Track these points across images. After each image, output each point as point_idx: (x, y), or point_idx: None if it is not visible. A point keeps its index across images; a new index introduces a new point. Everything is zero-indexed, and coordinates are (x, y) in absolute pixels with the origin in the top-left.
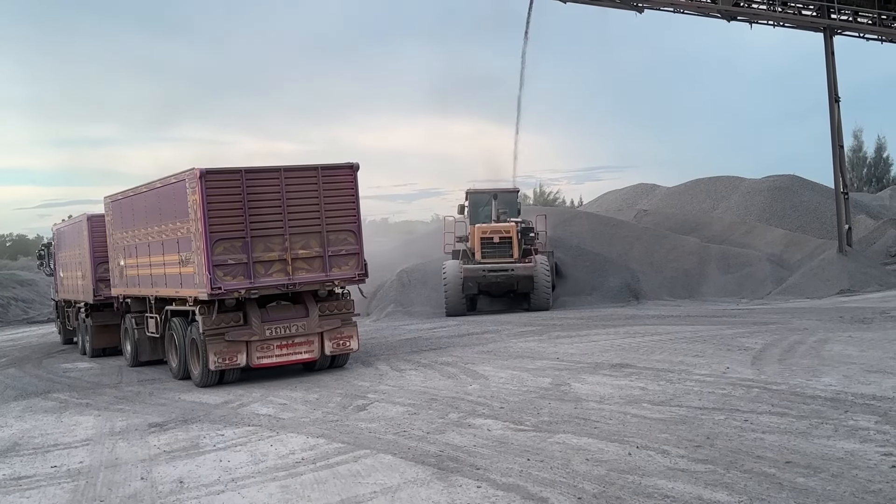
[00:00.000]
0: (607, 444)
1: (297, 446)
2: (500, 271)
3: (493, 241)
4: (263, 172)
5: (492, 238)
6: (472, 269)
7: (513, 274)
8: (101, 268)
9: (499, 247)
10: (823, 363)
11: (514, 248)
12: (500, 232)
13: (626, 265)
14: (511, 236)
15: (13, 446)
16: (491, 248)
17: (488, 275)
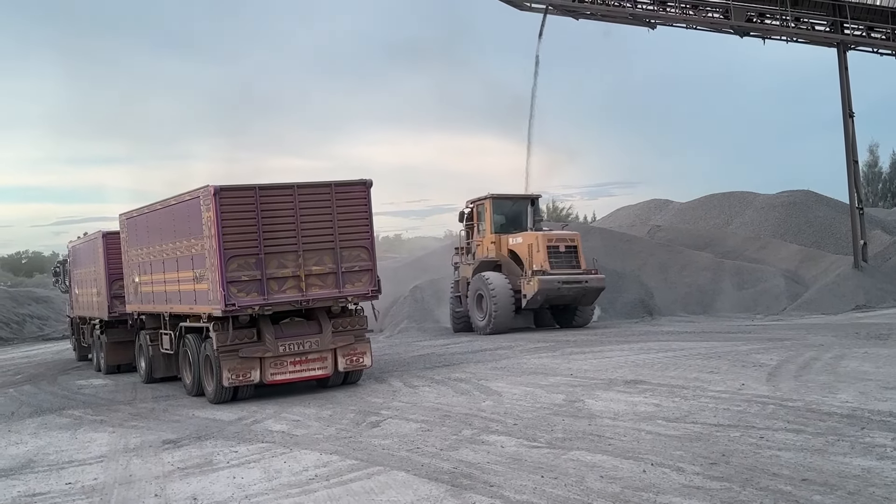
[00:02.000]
0: (622, 461)
1: (311, 463)
2: (574, 283)
3: (559, 249)
4: (277, 189)
5: (557, 247)
6: (548, 281)
7: (585, 286)
8: (116, 284)
9: (564, 256)
10: (839, 379)
11: (580, 258)
12: (565, 240)
13: (639, 281)
14: (576, 245)
15: (28, 463)
16: (557, 258)
17: (563, 287)
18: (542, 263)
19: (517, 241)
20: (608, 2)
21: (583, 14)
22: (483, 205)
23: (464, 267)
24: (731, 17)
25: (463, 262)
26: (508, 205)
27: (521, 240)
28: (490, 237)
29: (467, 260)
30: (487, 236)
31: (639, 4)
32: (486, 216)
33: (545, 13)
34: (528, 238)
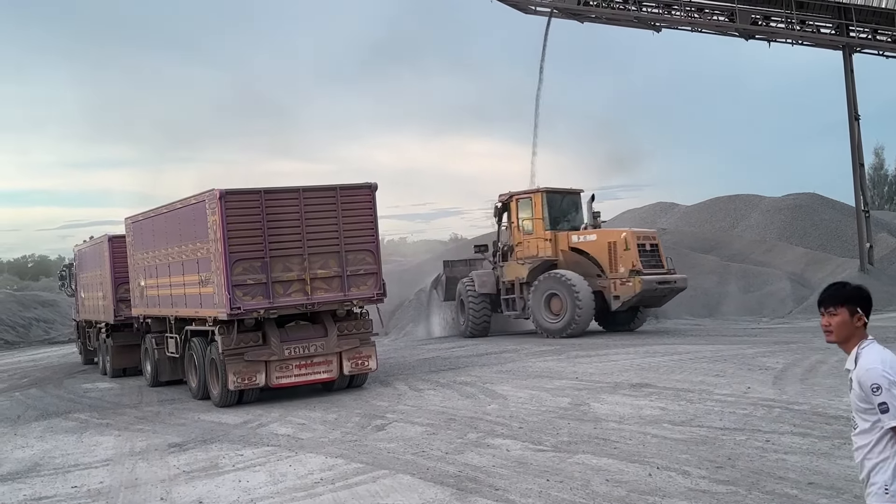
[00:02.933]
0: (627, 465)
1: (316, 466)
2: (666, 283)
3: (645, 248)
4: (282, 193)
5: (644, 245)
6: (648, 282)
7: (674, 286)
8: (122, 288)
9: (650, 255)
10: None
11: (662, 257)
12: (649, 238)
13: None
14: (657, 243)
15: (34, 466)
16: (644, 257)
17: (658, 288)
18: (634, 262)
19: (588, 239)
20: (613, 5)
21: (587, 17)
22: (530, 199)
23: (512, 266)
24: (737, 20)
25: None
26: (557, 199)
27: (596, 237)
28: (543, 234)
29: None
30: (539, 233)
31: (644, 7)
32: (535, 211)
33: (550, 16)
34: (608, 235)
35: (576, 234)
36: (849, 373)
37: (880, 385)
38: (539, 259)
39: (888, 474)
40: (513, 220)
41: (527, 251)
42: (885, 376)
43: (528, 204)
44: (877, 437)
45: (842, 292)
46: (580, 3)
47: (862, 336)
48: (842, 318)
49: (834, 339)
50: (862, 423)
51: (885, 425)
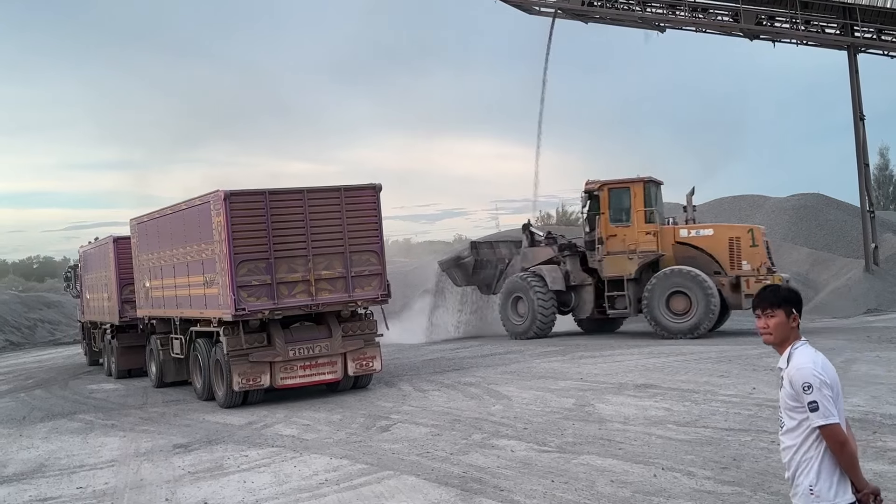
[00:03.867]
0: (632, 466)
1: (321, 467)
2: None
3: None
4: (287, 194)
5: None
6: (784, 280)
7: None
8: (127, 289)
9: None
10: (851, 383)
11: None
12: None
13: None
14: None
15: (39, 467)
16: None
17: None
18: (763, 260)
19: (704, 234)
20: (617, 6)
21: (592, 18)
22: (628, 189)
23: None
24: (741, 20)
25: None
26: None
27: (713, 231)
28: (644, 227)
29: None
30: (640, 226)
31: (648, 8)
32: (635, 202)
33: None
34: (729, 230)
35: (685, 228)
36: (780, 371)
37: (811, 384)
38: (652, 254)
39: (812, 475)
40: (603, 211)
41: (622, 245)
42: (817, 376)
43: (624, 194)
44: (803, 437)
45: (778, 294)
46: (584, 4)
47: (796, 337)
48: (779, 320)
49: (772, 340)
50: (789, 422)
51: (812, 424)
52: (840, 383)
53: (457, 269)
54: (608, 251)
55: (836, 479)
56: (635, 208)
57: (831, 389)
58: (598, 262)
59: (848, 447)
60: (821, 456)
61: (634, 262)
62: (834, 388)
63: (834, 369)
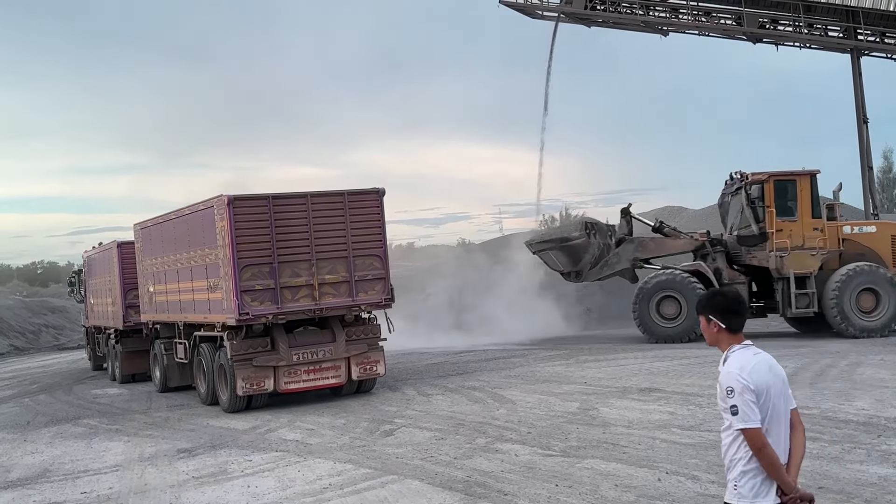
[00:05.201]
0: (636, 470)
1: (325, 472)
2: None
3: None
4: (290, 198)
5: None
6: None
7: None
8: (131, 294)
9: None
10: (855, 387)
11: None
12: None
13: None
14: None
15: (44, 472)
16: None
17: None
18: None
19: (867, 230)
20: (620, 9)
21: (595, 22)
22: (795, 182)
23: (799, 256)
24: (744, 23)
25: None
26: (791, 186)
27: (876, 229)
28: (811, 222)
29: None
30: (806, 221)
31: (651, 12)
32: (802, 197)
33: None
34: (891, 228)
35: (848, 225)
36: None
37: (733, 388)
38: (834, 251)
39: (737, 473)
40: (769, 205)
41: (790, 241)
42: (740, 380)
43: (791, 188)
44: (733, 437)
45: (699, 301)
46: (587, 8)
47: (731, 340)
48: (703, 325)
49: (708, 343)
50: (725, 422)
51: (733, 427)
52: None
53: (560, 251)
54: (778, 247)
55: (759, 481)
56: (802, 202)
57: (756, 395)
58: (775, 257)
59: (766, 451)
60: (747, 456)
61: (817, 259)
62: (763, 393)
63: (774, 373)
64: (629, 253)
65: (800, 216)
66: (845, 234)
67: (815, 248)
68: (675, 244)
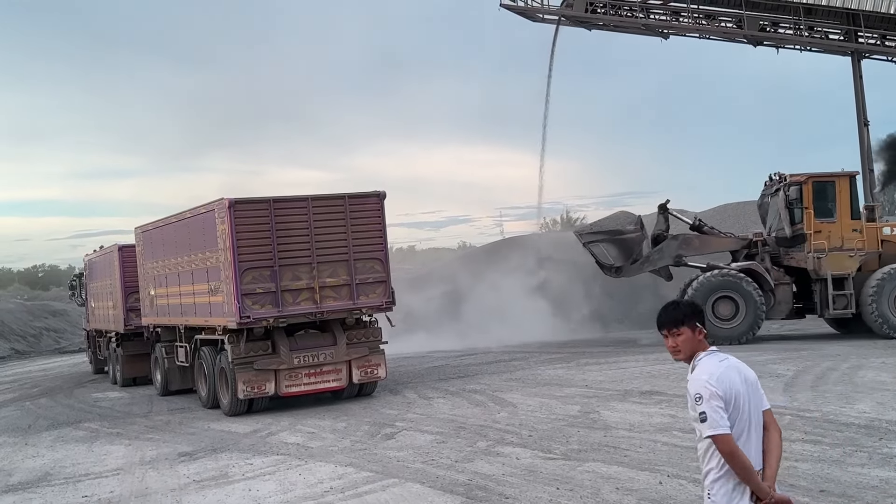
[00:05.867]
0: (638, 473)
1: (326, 475)
2: None
3: None
4: (291, 202)
5: None
6: None
7: None
8: (132, 297)
9: None
10: (857, 390)
11: None
12: None
13: (656, 291)
14: None
15: (45, 476)
16: None
17: None
18: None
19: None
20: (621, 12)
21: (595, 25)
22: (834, 183)
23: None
24: (745, 26)
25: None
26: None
27: None
28: (850, 224)
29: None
30: (846, 222)
31: (652, 15)
32: (842, 198)
33: (558, 24)
34: None
35: (887, 226)
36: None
37: (702, 395)
38: (872, 252)
39: (710, 479)
40: (807, 206)
41: (829, 242)
42: (707, 387)
43: (830, 189)
44: (706, 446)
45: (679, 312)
46: (588, 11)
47: (702, 347)
48: (686, 336)
49: (682, 357)
50: (697, 432)
51: (703, 434)
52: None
53: (612, 243)
54: (816, 248)
55: (731, 487)
56: (841, 203)
57: (725, 400)
58: (813, 258)
59: (737, 457)
60: (719, 464)
61: (856, 260)
62: (732, 398)
63: (743, 378)
64: (673, 250)
65: (839, 217)
66: (885, 235)
67: (853, 249)
68: (721, 242)
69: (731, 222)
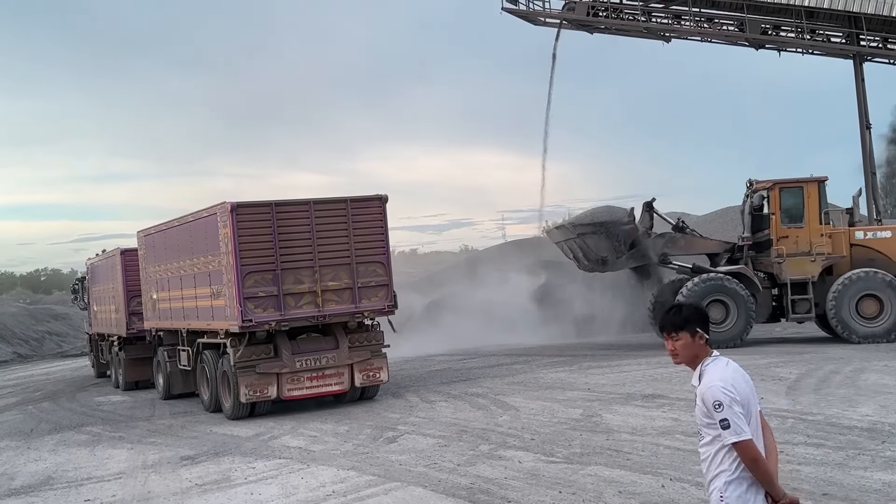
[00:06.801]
0: (640, 477)
1: (328, 479)
2: None
3: None
4: (293, 205)
5: None
6: None
7: None
8: (134, 301)
9: None
10: (859, 393)
11: None
12: None
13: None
14: None
15: (47, 480)
16: None
17: None
18: None
19: (881, 236)
20: (622, 16)
21: (597, 28)
22: (801, 189)
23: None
24: (747, 29)
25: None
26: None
27: (891, 234)
28: (818, 228)
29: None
30: (814, 227)
31: (653, 18)
32: (810, 203)
33: (559, 28)
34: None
35: (860, 230)
36: (694, 388)
37: (722, 402)
38: (836, 256)
39: (721, 483)
40: (773, 212)
41: (796, 247)
42: (727, 394)
43: (797, 194)
44: (716, 450)
45: (680, 316)
46: (589, 15)
47: (706, 353)
48: (685, 342)
49: (680, 361)
50: (706, 437)
51: (725, 441)
52: (753, 393)
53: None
54: (778, 253)
55: (744, 488)
56: (809, 209)
57: (742, 406)
58: (776, 264)
59: (760, 462)
60: (733, 467)
61: (818, 265)
62: (745, 403)
63: (746, 381)
64: (659, 247)
65: (807, 222)
66: (857, 239)
67: (815, 254)
68: (706, 244)
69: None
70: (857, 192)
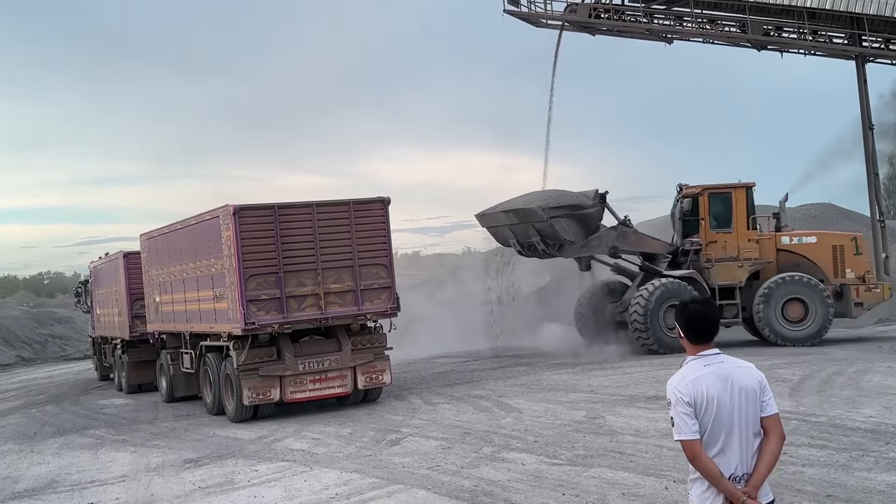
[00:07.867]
0: (644, 479)
1: (331, 481)
2: None
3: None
4: (296, 208)
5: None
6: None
7: None
8: (137, 304)
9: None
10: (863, 394)
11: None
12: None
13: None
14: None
15: (51, 483)
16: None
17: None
18: (868, 268)
19: (807, 241)
20: (624, 18)
21: (599, 30)
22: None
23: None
24: (749, 31)
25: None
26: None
27: (817, 239)
28: (746, 234)
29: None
30: (742, 232)
31: (655, 20)
32: (738, 209)
33: (561, 29)
34: (832, 238)
35: (787, 235)
36: None
37: (670, 401)
38: (762, 262)
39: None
40: (703, 217)
41: (724, 252)
42: (675, 393)
43: (725, 200)
44: None
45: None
46: (591, 16)
47: (693, 350)
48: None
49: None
50: None
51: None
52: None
53: (573, 219)
54: (714, 258)
55: (705, 487)
56: (737, 214)
57: (689, 406)
58: (705, 269)
59: (699, 461)
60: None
61: (745, 270)
62: (701, 404)
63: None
64: (611, 240)
65: (735, 228)
66: (783, 244)
67: (742, 259)
68: (652, 244)
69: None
70: (784, 197)
